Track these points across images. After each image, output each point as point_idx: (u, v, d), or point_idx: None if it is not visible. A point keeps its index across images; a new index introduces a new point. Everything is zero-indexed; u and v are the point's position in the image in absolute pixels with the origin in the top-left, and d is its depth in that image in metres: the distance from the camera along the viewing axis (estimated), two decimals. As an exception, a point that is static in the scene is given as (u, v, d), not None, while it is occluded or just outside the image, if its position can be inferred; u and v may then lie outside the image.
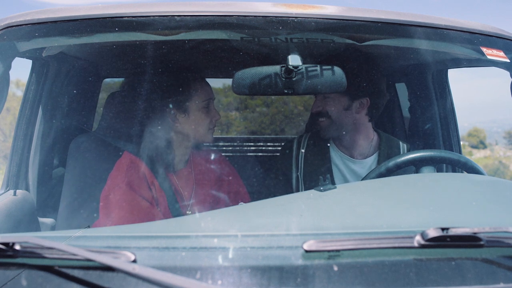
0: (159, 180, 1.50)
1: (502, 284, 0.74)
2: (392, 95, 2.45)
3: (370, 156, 1.72)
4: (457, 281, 0.74)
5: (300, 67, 1.26)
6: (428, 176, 1.36)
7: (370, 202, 1.06)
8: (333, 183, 1.62)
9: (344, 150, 1.73)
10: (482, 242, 0.79)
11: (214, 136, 1.61)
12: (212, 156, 1.75)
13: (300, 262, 0.78)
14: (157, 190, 1.50)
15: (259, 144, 3.14)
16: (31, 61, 1.77)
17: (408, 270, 0.76)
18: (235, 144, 3.14)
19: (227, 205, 1.64)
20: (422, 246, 0.79)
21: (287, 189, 1.73)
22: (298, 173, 1.74)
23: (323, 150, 1.73)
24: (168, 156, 1.56)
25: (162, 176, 1.52)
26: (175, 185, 1.57)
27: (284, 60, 1.27)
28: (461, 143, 2.23)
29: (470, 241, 0.79)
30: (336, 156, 1.73)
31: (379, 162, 1.70)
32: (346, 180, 1.69)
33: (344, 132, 1.69)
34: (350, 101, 1.64)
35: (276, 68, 1.28)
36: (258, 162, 2.59)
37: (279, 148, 2.81)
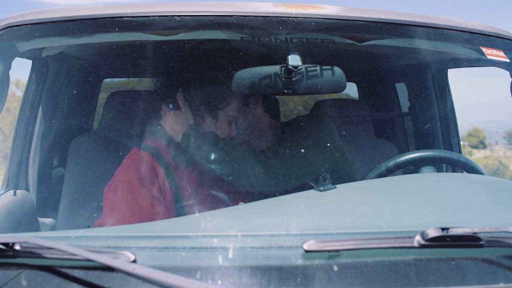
0: (169, 178, 1.50)
1: (502, 284, 0.74)
2: (392, 95, 2.45)
3: None
4: (457, 281, 0.74)
5: (300, 67, 1.26)
6: (428, 176, 1.36)
7: (370, 202, 1.06)
8: None
9: None
10: (482, 242, 0.79)
11: None
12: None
13: (300, 262, 0.77)
14: (167, 188, 1.50)
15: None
16: (31, 61, 1.77)
17: (408, 270, 0.76)
18: None
19: (229, 205, 1.64)
20: (422, 246, 0.79)
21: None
22: None
23: None
24: (183, 154, 1.56)
25: (171, 174, 1.52)
26: (183, 183, 1.57)
27: (284, 60, 1.27)
28: (461, 143, 2.23)
29: (470, 241, 0.79)
30: None
31: None
32: None
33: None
34: None
35: (276, 68, 1.28)
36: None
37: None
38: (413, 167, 1.45)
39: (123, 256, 0.74)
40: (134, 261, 0.74)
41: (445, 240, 0.79)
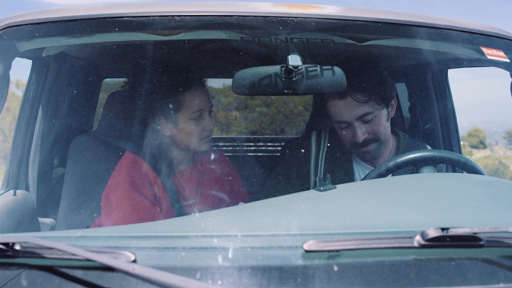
0: (162, 180, 1.50)
1: (502, 284, 0.74)
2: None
3: None
4: (457, 281, 0.74)
5: (300, 67, 1.26)
6: (428, 176, 1.36)
7: (370, 202, 1.06)
8: None
9: (366, 161, 1.65)
10: (482, 242, 0.79)
11: (214, 136, 1.60)
12: (215, 156, 1.75)
13: (300, 262, 0.77)
14: (160, 190, 1.50)
15: (259, 144, 3.14)
16: (31, 61, 1.77)
17: (408, 270, 0.76)
18: (235, 144, 3.14)
19: (229, 205, 1.64)
20: (422, 246, 0.79)
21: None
22: (317, 178, 1.65)
23: (345, 163, 1.67)
24: (170, 156, 1.55)
25: (165, 176, 1.52)
26: (179, 185, 1.56)
27: (284, 60, 1.27)
28: (461, 143, 2.23)
29: (470, 241, 0.79)
30: (358, 167, 1.67)
31: None
32: None
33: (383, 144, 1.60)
34: (387, 109, 1.57)
35: (276, 68, 1.28)
36: (258, 162, 2.59)
37: (279, 148, 2.81)
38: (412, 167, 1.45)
39: (123, 256, 0.74)
40: (134, 261, 0.74)
41: (445, 240, 0.79)
